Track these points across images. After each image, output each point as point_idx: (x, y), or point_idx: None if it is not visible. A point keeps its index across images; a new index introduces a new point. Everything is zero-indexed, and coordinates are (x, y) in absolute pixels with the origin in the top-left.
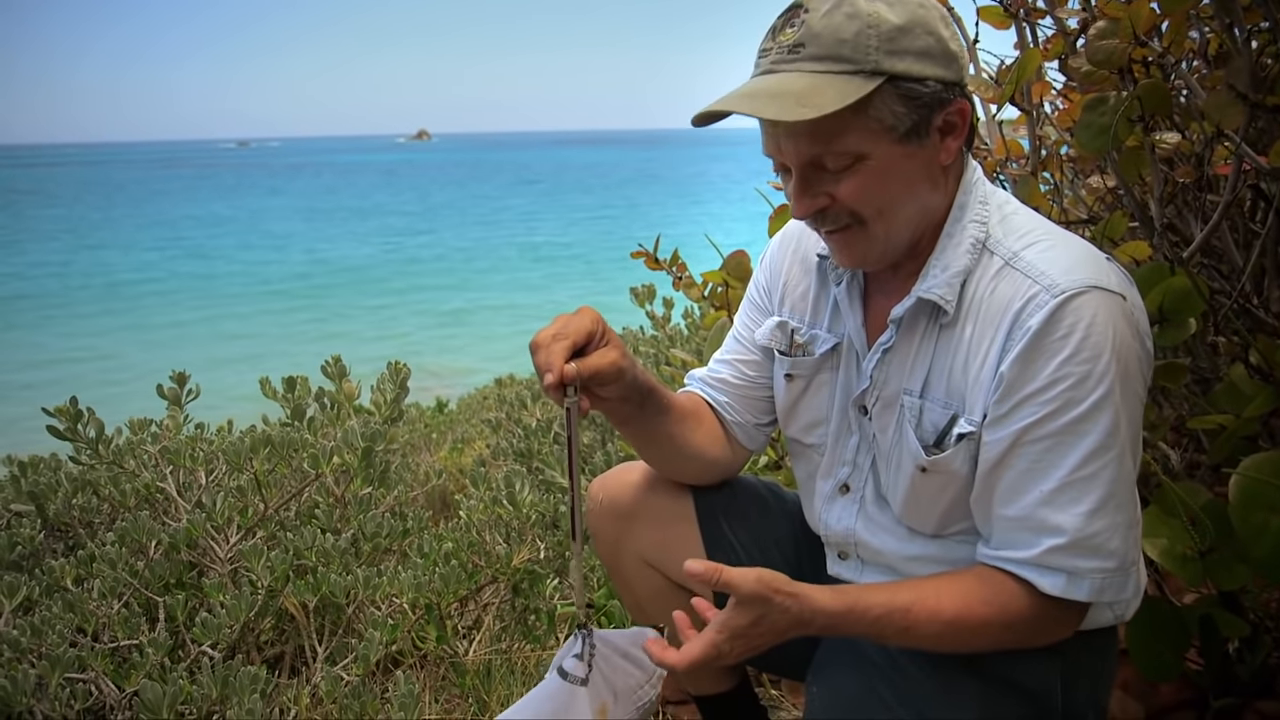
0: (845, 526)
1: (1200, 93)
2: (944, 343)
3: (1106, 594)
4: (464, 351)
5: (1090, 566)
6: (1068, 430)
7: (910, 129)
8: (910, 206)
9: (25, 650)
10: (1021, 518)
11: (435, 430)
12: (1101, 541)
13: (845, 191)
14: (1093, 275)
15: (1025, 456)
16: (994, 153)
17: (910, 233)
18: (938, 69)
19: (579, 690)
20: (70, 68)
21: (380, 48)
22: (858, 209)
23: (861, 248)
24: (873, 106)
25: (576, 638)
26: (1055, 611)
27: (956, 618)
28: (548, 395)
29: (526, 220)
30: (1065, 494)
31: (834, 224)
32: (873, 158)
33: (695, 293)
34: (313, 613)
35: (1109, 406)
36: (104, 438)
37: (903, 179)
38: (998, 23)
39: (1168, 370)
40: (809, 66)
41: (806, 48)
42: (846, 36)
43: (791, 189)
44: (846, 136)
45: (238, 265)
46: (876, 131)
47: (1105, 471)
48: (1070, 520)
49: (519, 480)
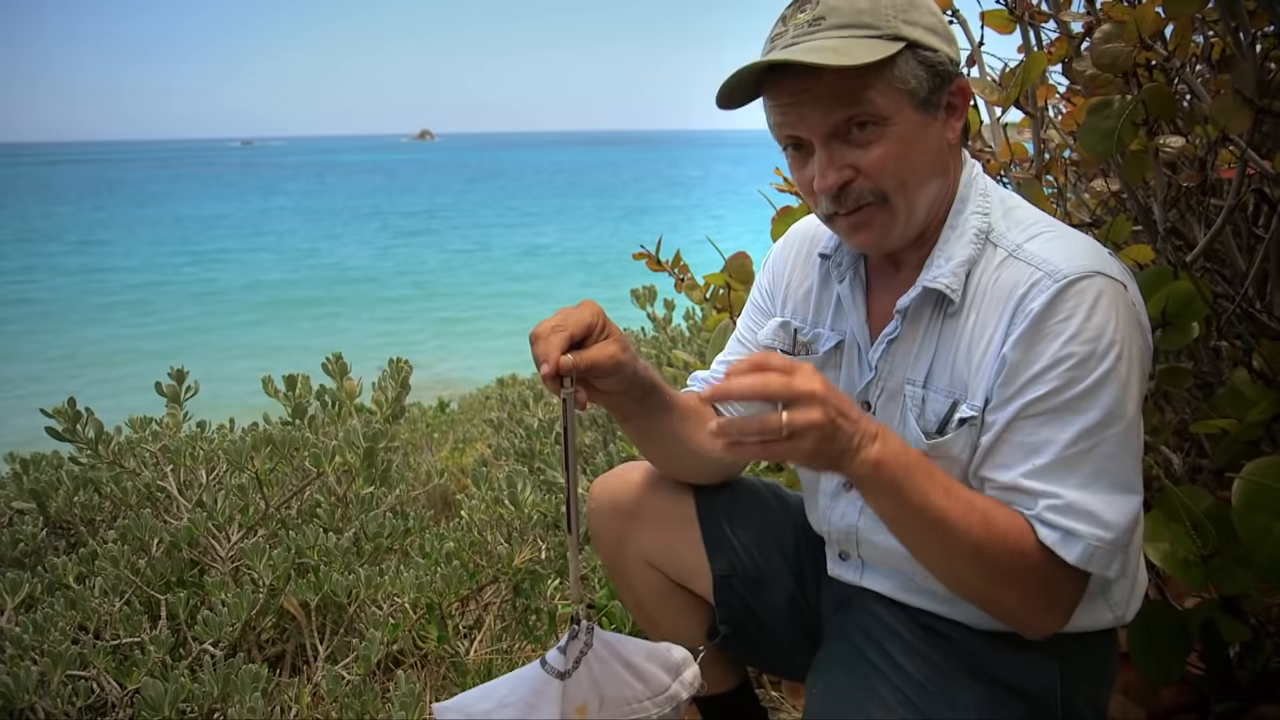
0: (848, 523)
1: (1205, 97)
2: (948, 332)
3: (1095, 562)
4: (465, 351)
5: (1084, 530)
6: (1066, 407)
7: (927, 96)
8: (927, 185)
9: (28, 647)
10: (1014, 485)
11: (437, 430)
12: (1098, 510)
13: (869, 161)
14: (1095, 262)
15: (1023, 430)
16: (998, 156)
17: (925, 214)
18: (944, 44)
19: (555, 684)
20: (72, 65)
21: (383, 47)
22: (881, 181)
23: (881, 226)
24: (896, 67)
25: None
26: (1053, 566)
27: (988, 509)
28: (546, 385)
29: (529, 221)
30: (1058, 468)
31: (856, 201)
32: (895, 122)
33: (697, 294)
34: (314, 611)
35: (1110, 385)
36: (104, 437)
37: (920, 152)
38: (1002, 26)
39: (1171, 374)
40: (833, 34)
41: (827, 20)
42: (865, 6)
43: (813, 165)
44: (874, 95)
45: (240, 263)
46: (900, 94)
47: (1102, 447)
48: (1064, 490)
49: (521, 480)
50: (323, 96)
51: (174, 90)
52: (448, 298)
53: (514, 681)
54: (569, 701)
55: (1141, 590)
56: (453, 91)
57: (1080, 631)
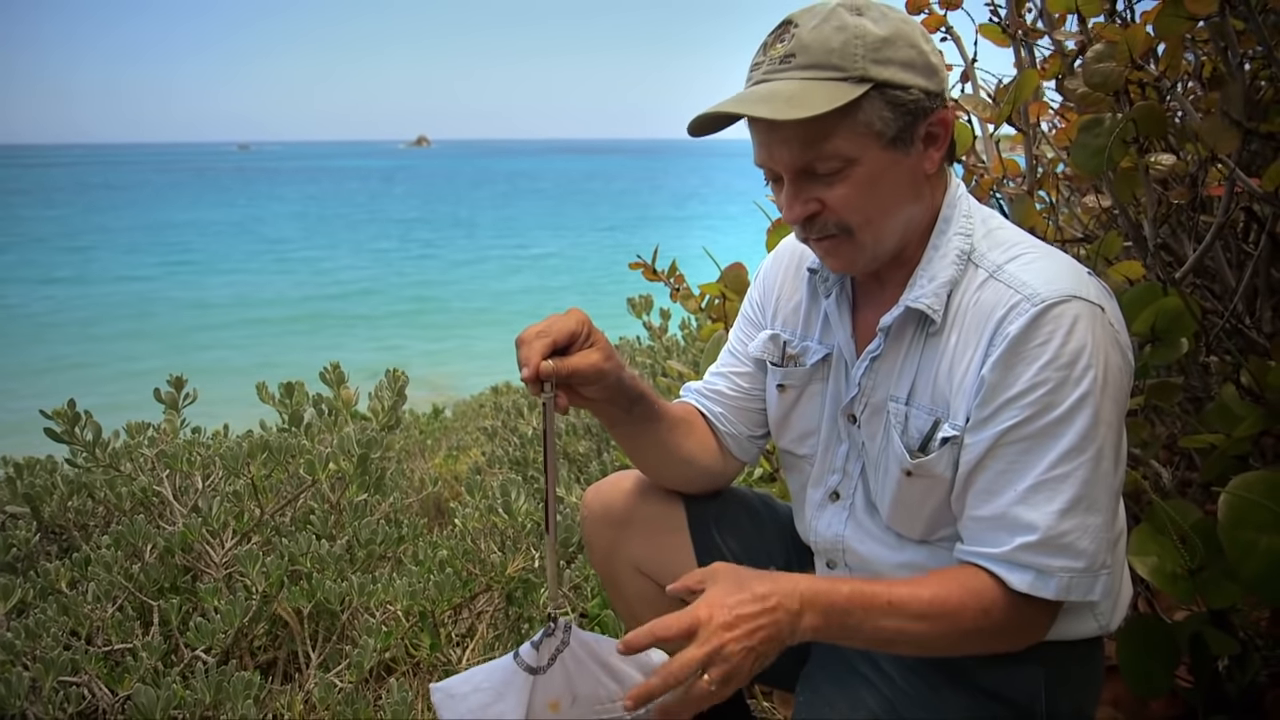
0: (834, 533)
1: (1195, 115)
2: (929, 351)
3: (1074, 593)
4: (458, 359)
5: (1058, 565)
6: (1043, 433)
7: (896, 135)
8: (896, 216)
9: (20, 653)
10: (995, 516)
11: (430, 437)
12: (1071, 540)
13: (834, 198)
14: (1073, 286)
15: (1002, 458)
16: (990, 171)
17: (895, 242)
18: (920, 79)
19: (524, 676)
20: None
21: (381, 52)
22: (845, 217)
23: (848, 255)
24: (861, 111)
25: (545, 628)
26: (1025, 609)
27: (935, 597)
28: (527, 388)
29: (524, 229)
30: (1039, 493)
31: (822, 232)
32: (861, 163)
33: (693, 304)
34: (306, 619)
35: (1085, 409)
36: (101, 441)
37: (890, 187)
38: (997, 40)
39: (1160, 389)
40: (799, 74)
41: (797, 58)
42: (834, 46)
43: (783, 196)
44: (836, 140)
45: (236, 269)
46: (865, 136)
47: (1079, 472)
48: (1042, 518)
49: (514, 489)
50: (319, 101)
51: (172, 93)
52: (443, 305)
53: (489, 670)
54: (542, 697)
55: (1126, 600)
56: (449, 98)
57: (1065, 640)
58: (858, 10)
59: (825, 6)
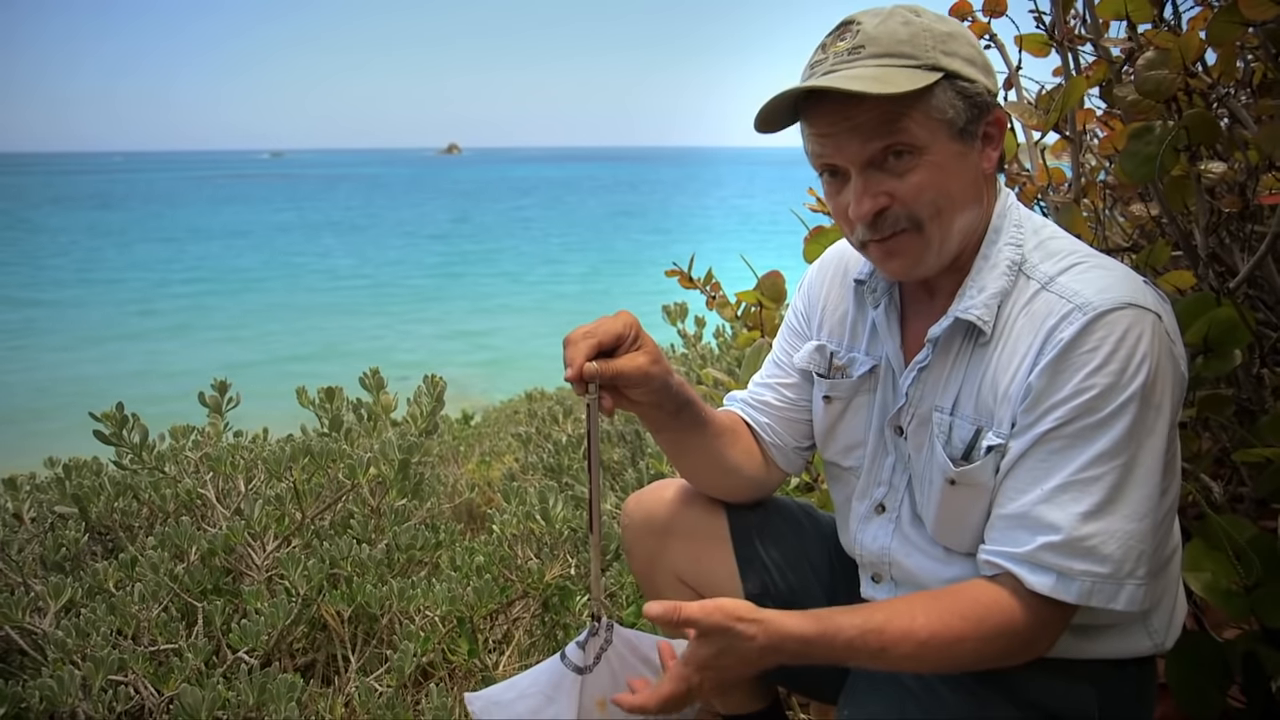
0: (880, 546)
1: (1247, 121)
2: (976, 362)
3: (1095, 599)
4: (488, 365)
5: (1081, 568)
6: (1080, 435)
7: (964, 126)
8: (962, 214)
9: (70, 651)
10: (1019, 514)
11: (463, 443)
12: (1096, 544)
13: (905, 189)
14: (1128, 294)
15: (1035, 457)
16: (1035, 179)
17: (956, 244)
18: (982, 75)
19: (572, 677)
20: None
21: (411, 61)
22: (916, 210)
23: (914, 254)
24: (934, 97)
25: (589, 628)
26: (1039, 615)
27: (931, 636)
28: (573, 388)
29: (556, 235)
30: (1065, 493)
31: (891, 228)
32: (931, 151)
33: (729, 312)
34: (347, 622)
35: (1126, 415)
36: (147, 444)
37: (957, 179)
38: (1038, 50)
39: (1212, 401)
40: (872, 63)
41: (866, 49)
42: (904, 37)
43: (852, 190)
44: (911, 125)
45: (268, 276)
46: (937, 123)
47: (1109, 476)
48: (1065, 519)
49: (552, 495)
50: (350, 110)
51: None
52: (474, 311)
53: (535, 674)
54: (590, 695)
55: (1181, 618)
56: (480, 106)
57: (1119, 659)
58: (916, 12)
59: (884, 8)
